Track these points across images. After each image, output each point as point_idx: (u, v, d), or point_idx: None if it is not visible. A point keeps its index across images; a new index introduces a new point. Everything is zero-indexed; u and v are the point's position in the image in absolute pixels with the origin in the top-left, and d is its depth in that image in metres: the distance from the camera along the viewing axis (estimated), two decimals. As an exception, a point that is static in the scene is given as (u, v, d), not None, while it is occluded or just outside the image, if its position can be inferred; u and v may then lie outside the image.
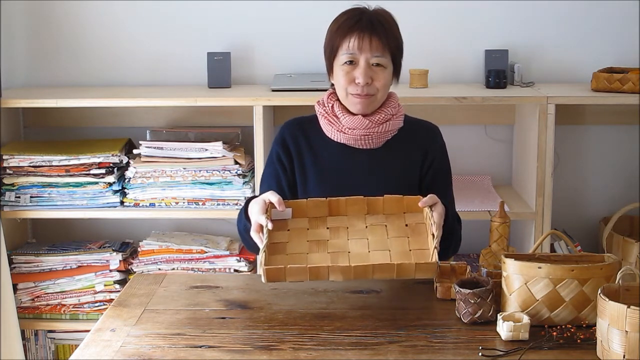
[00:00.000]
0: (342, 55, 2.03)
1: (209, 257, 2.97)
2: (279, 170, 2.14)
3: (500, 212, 2.03)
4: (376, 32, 2.02)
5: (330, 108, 2.11)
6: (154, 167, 2.89)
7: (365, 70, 2.02)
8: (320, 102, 2.14)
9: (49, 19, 3.17)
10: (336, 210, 1.97)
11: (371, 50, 2.02)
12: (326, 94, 2.15)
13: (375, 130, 2.07)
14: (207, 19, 3.15)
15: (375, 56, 2.02)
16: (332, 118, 2.10)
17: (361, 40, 2.01)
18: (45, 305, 2.99)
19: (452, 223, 2.03)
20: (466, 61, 3.16)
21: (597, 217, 3.15)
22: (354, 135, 2.08)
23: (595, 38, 3.13)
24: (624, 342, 1.50)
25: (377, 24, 2.03)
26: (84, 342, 1.71)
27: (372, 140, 2.09)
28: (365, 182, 2.10)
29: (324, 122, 2.11)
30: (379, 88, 2.04)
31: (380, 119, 2.07)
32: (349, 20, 2.04)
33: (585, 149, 3.20)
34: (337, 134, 2.09)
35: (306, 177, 2.13)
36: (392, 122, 2.09)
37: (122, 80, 3.20)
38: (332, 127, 2.09)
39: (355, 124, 2.06)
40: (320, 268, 1.73)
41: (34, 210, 2.90)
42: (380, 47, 2.02)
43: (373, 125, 2.07)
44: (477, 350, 1.63)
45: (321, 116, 2.12)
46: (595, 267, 1.70)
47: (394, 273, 1.73)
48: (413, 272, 1.73)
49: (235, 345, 1.67)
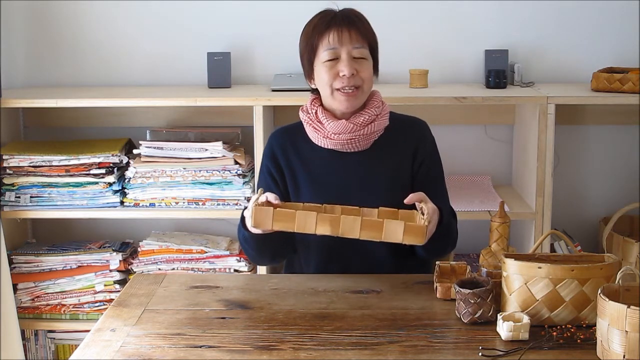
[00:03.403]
0: (323, 53, 2.03)
1: (209, 257, 2.97)
2: (271, 183, 2.13)
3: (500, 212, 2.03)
4: (354, 25, 2.03)
5: (314, 114, 2.09)
6: (154, 167, 2.89)
7: (349, 61, 2.01)
8: (304, 109, 2.12)
9: (48, 19, 3.17)
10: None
11: (352, 42, 2.02)
12: (309, 100, 2.13)
13: (361, 133, 2.06)
14: (207, 19, 3.16)
15: (355, 47, 2.02)
16: (317, 124, 2.08)
17: (340, 33, 2.01)
18: (45, 305, 2.99)
19: (448, 220, 2.03)
20: (466, 61, 3.16)
21: (597, 217, 3.15)
22: (340, 140, 2.06)
23: (595, 38, 3.13)
24: (624, 342, 1.50)
25: (353, 18, 2.05)
26: (84, 342, 1.71)
27: (359, 143, 2.07)
28: (358, 184, 2.09)
29: (309, 129, 2.10)
30: (364, 79, 2.04)
31: (364, 121, 2.06)
32: (324, 19, 2.05)
33: (585, 149, 3.20)
34: (324, 140, 2.08)
35: (298, 186, 2.12)
36: (377, 123, 2.07)
37: (122, 80, 3.20)
38: (318, 134, 2.08)
39: (340, 128, 2.05)
40: (308, 216, 1.75)
41: (34, 210, 2.90)
42: (360, 38, 2.03)
43: (357, 129, 2.05)
44: (477, 350, 1.63)
45: (306, 123, 2.11)
46: (595, 267, 1.70)
47: (382, 233, 1.74)
48: (401, 235, 1.74)
49: (235, 345, 1.67)
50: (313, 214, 1.75)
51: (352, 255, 2.08)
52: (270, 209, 1.77)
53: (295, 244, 2.14)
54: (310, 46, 2.05)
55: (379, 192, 2.08)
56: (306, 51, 2.07)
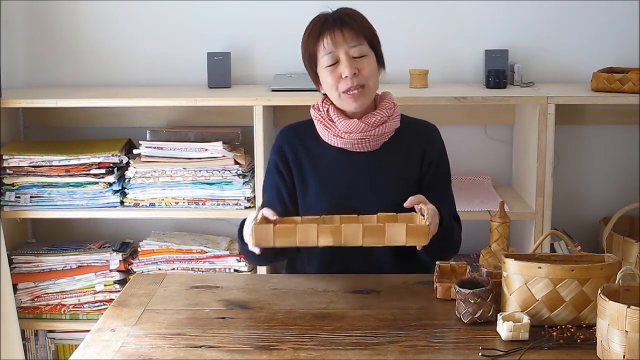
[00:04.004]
0: (323, 58, 2.03)
1: (209, 257, 2.97)
2: (279, 180, 2.13)
3: (500, 212, 2.03)
4: (346, 24, 2.02)
5: (325, 112, 2.09)
6: (154, 167, 2.89)
7: (348, 62, 2.00)
8: (315, 107, 2.13)
9: (48, 19, 3.17)
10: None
11: (347, 42, 2.01)
12: (320, 98, 2.14)
13: (372, 133, 2.06)
14: (207, 19, 3.15)
15: (352, 46, 2.01)
16: (328, 122, 2.08)
17: (333, 36, 2.01)
18: (45, 305, 2.99)
19: (449, 222, 2.03)
20: (466, 61, 3.16)
21: (597, 217, 3.15)
22: (350, 139, 2.06)
23: (595, 38, 3.13)
24: (624, 342, 1.50)
25: (344, 17, 2.04)
26: (84, 342, 1.71)
27: (369, 143, 2.08)
28: (365, 184, 2.10)
29: (320, 126, 2.10)
30: (368, 76, 2.03)
31: (376, 122, 2.06)
32: (317, 24, 2.05)
33: (585, 149, 3.20)
34: (334, 139, 2.08)
35: (306, 183, 2.12)
36: (388, 124, 2.08)
37: (122, 80, 3.20)
38: (329, 132, 2.08)
39: (351, 127, 2.05)
40: (310, 228, 1.73)
41: (34, 210, 2.90)
42: (354, 36, 2.02)
43: (369, 129, 2.06)
44: (477, 350, 1.63)
45: (317, 121, 2.11)
46: (595, 267, 1.70)
47: (385, 237, 1.73)
48: (404, 237, 1.73)
49: (235, 345, 1.67)
50: (314, 227, 1.74)
51: (353, 257, 2.07)
52: (270, 226, 1.76)
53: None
54: (309, 54, 2.06)
55: (386, 193, 2.08)
56: (307, 59, 2.08)
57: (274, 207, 2.07)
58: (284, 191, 2.13)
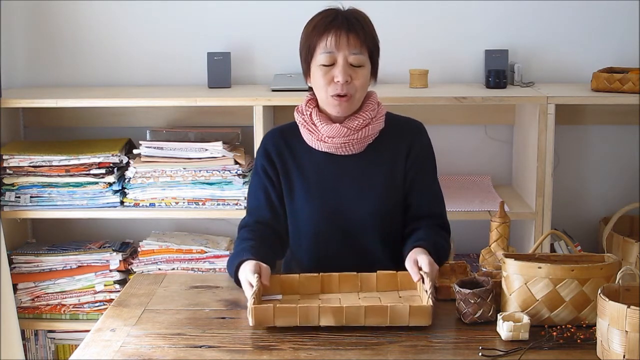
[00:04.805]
0: (320, 55, 2.00)
1: (209, 257, 2.97)
2: (266, 182, 2.11)
3: (500, 212, 2.03)
4: (353, 29, 1.99)
5: (308, 116, 2.07)
6: (154, 167, 2.89)
7: (344, 68, 1.98)
8: (299, 110, 2.10)
9: (48, 19, 3.17)
10: (328, 287, 1.93)
11: (349, 47, 1.98)
12: (304, 100, 2.11)
13: (355, 137, 2.04)
14: (207, 19, 3.15)
15: (353, 53, 1.99)
16: (311, 126, 2.06)
17: (338, 38, 1.98)
18: (45, 305, 2.99)
19: (437, 248, 1.98)
20: (466, 61, 3.16)
21: (597, 217, 3.15)
22: (334, 144, 2.04)
23: (595, 38, 3.13)
24: (624, 342, 1.50)
25: (353, 22, 2.00)
26: (84, 342, 1.71)
27: (353, 146, 2.05)
28: (352, 187, 2.07)
29: (304, 130, 2.08)
30: (357, 88, 2.00)
31: (358, 125, 2.03)
32: (325, 19, 2.01)
33: (585, 149, 3.20)
34: (318, 143, 2.06)
35: (292, 187, 2.10)
36: (371, 127, 2.05)
37: (122, 80, 3.20)
38: (312, 136, 2.06)
39: (334, 132, 2.03)
40: (310, 309, 1.71)
41: (34, 210, 2.90)
42: (358, 44, 1.99)
43: (351, 132, 2.03)
44: (477, 350, 1.63)
45: (301, 125, 2.09)
46: (595, 267, 1.70)
47: (387, 317, 1.71)
48: (407, 317, 1.70)
49: (235, 345, 1.67)
50: (315, 307, 1.71)
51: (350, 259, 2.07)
52: (270, 307, 1.72)
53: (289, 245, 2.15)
54: (308, 46, 2.03)
55: (373, 195, 2.07)
56: (304, 50, 2.05)
57: (263, 212, 2.07)
58: (273, 194, 2.11)
